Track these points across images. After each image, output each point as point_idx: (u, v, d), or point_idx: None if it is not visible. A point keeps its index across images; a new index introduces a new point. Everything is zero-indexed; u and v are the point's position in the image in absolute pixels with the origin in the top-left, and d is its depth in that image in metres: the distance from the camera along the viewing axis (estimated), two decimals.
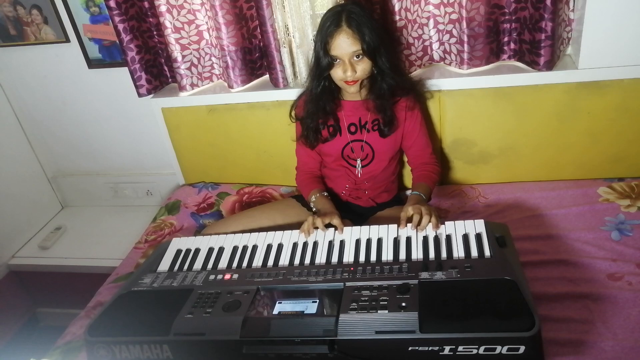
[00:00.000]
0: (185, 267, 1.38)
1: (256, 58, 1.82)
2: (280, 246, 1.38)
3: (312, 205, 1.54)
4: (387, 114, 1.48)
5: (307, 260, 1.31)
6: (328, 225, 1.40)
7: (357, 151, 1.55)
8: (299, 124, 1.58)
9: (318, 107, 1.50)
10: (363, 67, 1.39)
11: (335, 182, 1.64)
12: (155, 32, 1.83)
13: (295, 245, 1.37)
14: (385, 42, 1.41)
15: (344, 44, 1.35)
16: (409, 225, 1.33)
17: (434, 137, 1.72)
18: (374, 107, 1.48)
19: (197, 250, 1.43)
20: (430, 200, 1.51)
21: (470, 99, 1.65)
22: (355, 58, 1.37)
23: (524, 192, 1.67)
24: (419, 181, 1.52)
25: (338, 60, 1.39)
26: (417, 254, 1.25)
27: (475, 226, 1.29)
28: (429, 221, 1.31)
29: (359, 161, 1.56)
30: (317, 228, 1.38)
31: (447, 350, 0.99)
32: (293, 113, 1.60)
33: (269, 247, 1.39)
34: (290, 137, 1.66)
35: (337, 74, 1.41)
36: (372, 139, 1.53)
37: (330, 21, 1.36)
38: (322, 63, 1.41)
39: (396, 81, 1.45)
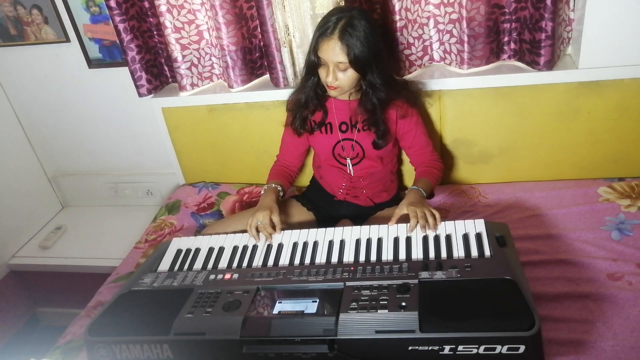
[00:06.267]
0: (186, 266, 1.38)
1: (256, 58, 1.82)
2: (280, 246, 1.39)
3: (262, 191, 1.55)
4: (380, 128, 1.47)
5: (307, 260, 1.31)
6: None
7: (348, 150, 1.55)
8: (290, 113, 1.60)
9: (305, 98, 1.52)
10: (347, 77, 1.38)
11: (331, 182, 1.64)
12: (155, 32, 1.84)
13: (295, 245, 1.37)
14: (379, 57, 1.38)
15: (331, 52, 1.34)
16: (400, 225, 1.33)
17: (434, 136, 1.72)
18: (365, 117, 1.48)
19: (198, 250, 1.43)
20: (434, 196, 1.49)
21: (470, 98, 1.65)
22: (340, 66, 1.36)
23: (524, 192, 1.67)
24: (420, 177, 1.52)
25: (324, 63, 1.39)
26: (417, 253, 1.25)
27: (475, 226, 1.29)
28: (417, 223, 1.30)
29: (348, 160, 1.56)
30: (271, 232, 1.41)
31: (447, 349, 0.99)
32: (289, 101, 1.60)
33: (269, 246, 1.39)
34: (281, 122, 1.66)
35: (321, 74, 1.42)
36: (362, 139, 1.53)
37: (327, 23, 1.35)
38: (310, 58, 1.43)
39: (387, 93, 1.44)
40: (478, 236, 1.26)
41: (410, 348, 1.00)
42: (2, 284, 2.16)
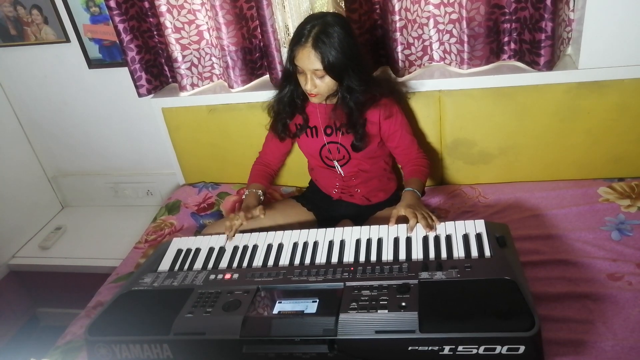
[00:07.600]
0: (186, 266, 1.38)
1: (256, 58, 1.82)
2: (280, 246, 1.39)
3: (243, 197, 1.60)
4: (358, 132, 1.47)
5: (307, 260, 1.31)
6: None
7: (334, 152, 1.56)
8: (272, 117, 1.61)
9: (283, 107, 1.53)
10: (325, 83, 1.38)
11: (325, 183, 1.66)
12: (155, 32, 1.84)
13: (295, 245, 1.37)
14: (356, 61, 1.37)
15: (306, 60, 1.34)
16: (400, 225, 1.34)
17: (434, 136, 1.72)
18: (345, 122, 1.48)
19: (198, 250, 1.43)
20: (425, 194, 1.50)
21: (470, 99, 1.65)
22: (317, 73, 1.36)
23: (524, 192, 1.67)
24: (411, 177, 1.52)
25: (302, 71, 1.39)
26: (417, 253, 1.25)
27: (476, 226, 1.29)
28: (417, 222, 1.31)
29: (335, 162, 1.57)
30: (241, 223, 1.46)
31: (447, 350, 0.99)
32: (270, 108, 1.60)
33: (269, 247, 1.39)
34: (265, 125, 1.66)
35: (301, 81, 1.42)
36: (346, 141, 1.53)
37: (301, 32, 1.35)
38: (287, 67, 1.44)
39: (365, 97, 1.43)
40: (478, 236, 1.26)
41: (410, 348, 1.00)
42: (2, 284, 2.16)
